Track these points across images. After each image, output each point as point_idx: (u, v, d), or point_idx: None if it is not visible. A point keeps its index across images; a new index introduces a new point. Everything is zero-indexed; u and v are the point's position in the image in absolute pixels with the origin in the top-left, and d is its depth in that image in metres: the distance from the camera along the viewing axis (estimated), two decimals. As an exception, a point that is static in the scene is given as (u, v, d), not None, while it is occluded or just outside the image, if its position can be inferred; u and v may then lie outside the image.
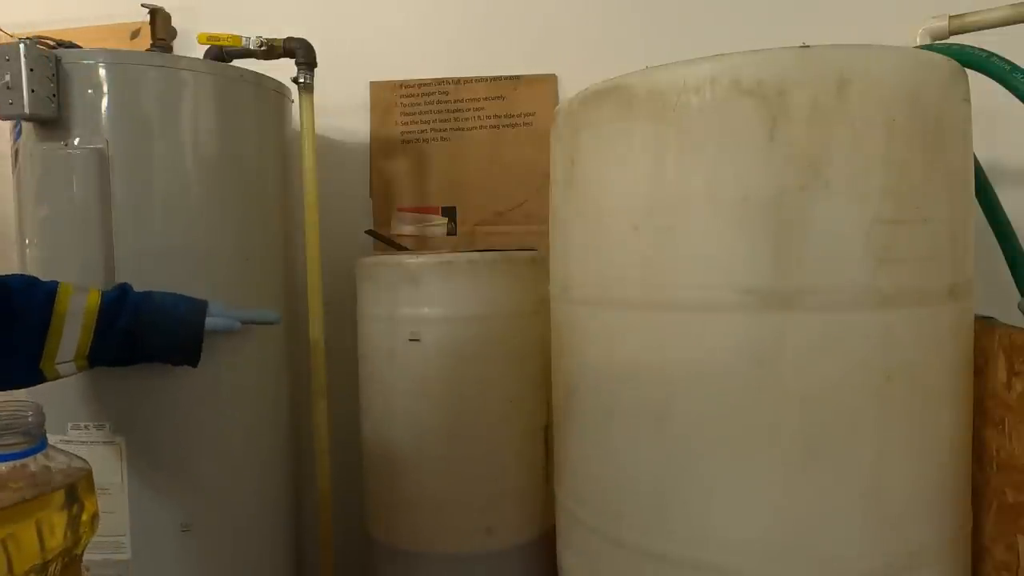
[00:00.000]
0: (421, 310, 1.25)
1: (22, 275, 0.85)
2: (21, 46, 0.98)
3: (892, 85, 0.75)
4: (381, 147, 1.64)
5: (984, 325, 0.87)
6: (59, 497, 0.53)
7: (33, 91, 0.99)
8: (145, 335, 0.91)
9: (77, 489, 0.55)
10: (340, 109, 1.61)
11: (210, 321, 0.99)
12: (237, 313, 1.06)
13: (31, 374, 0.82)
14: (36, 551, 0.51)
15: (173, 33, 1.38)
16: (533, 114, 1.58)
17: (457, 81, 1.60)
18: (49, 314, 0.80)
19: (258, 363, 1.22)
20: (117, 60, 1.08)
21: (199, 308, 0.98)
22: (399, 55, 1.62)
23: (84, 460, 0.57)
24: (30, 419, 0.54)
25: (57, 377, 0.84)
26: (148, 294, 0.95)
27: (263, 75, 1.22)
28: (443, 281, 1.25)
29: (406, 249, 1.56)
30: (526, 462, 1.30)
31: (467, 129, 1.61)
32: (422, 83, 1.61)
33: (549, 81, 1.58)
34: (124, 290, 0.92)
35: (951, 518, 0.83)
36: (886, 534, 0.77)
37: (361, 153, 1.64)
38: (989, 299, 0.96)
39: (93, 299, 0.87)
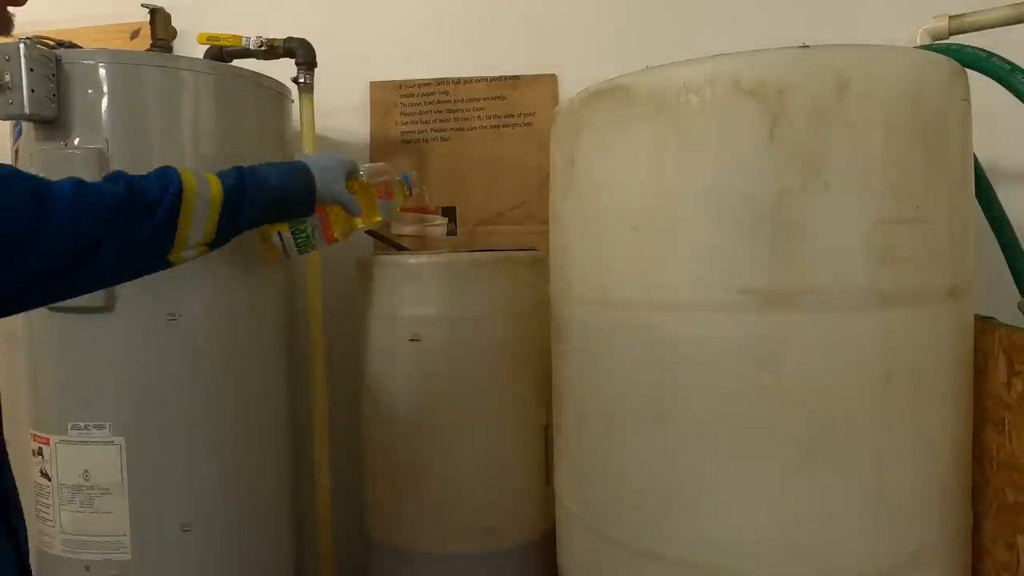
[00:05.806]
0: (421, 310, 1.25)
1: (142, 175, 0.86)
2: (21, 46, 0.98)
3: (892, 85, 0.75)
4: (381, 147, 1.64)
5: (984, 325, 0.87)
6: None
7: (33, 91, 0.99)
8: (262, 219, 0.96)
9: None
10: (340, 109, 1.60)
11: (323, 189, 1.00)
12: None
13: (160, 262, 0.85)
14: None
15: (173, 33, 1.38)
16: (533, 114, 1.58)
17: (457, 81, 1.60)
18: (179, 206, 0.83)
19: (257, 363, 1.22)
20: (117, 60, 1.08)
21: (310, 180, 0.99)
22: (399, 55, 1.62)
23: None
24: None
25: (181, 262, 0.87)
26: (264, 179, 0.93)
27: (263, 75, 1.22)
28: (443, 281, 1.25)
29: (406, 249, 1.56)
30: (526, 462, 1.30)
31: (467, 129, 1.61)
32: (422, 83, 1.61)
33: (549, 81, 1.58)
34: (242, 180, 0.91)
35: (951, 518, 0.83)
36: (886, 534, 0.77)
37: (361, 153, 1.63)
38: (989, 299, 0.96)
39: (216, 191, 0.87)
